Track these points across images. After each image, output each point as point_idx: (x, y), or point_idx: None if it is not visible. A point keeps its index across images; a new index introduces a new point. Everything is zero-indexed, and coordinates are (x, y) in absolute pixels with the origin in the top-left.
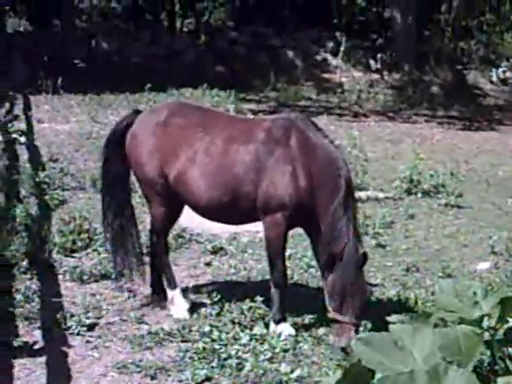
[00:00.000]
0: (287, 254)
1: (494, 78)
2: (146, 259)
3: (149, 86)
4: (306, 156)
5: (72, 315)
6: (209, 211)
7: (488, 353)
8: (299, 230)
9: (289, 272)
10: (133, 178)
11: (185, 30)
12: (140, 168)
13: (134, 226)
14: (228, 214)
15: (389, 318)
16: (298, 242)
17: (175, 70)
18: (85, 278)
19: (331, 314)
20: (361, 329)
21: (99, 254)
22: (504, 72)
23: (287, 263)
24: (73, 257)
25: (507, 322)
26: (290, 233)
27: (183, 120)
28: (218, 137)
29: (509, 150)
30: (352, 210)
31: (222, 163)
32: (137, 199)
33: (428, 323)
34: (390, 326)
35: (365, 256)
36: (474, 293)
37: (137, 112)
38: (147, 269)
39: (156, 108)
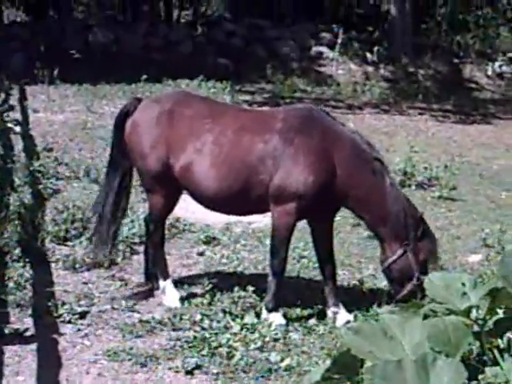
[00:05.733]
0: None
1: (490, 72)
2: (139, 249)
3: (145, 76)
4: (329, 145)
5: (63, 303)
6: (217, 202)
7: (477, 344)
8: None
9: None
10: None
11: (182, 21)
12: (141, 158)
13: (122, 216)
14: (237, 204)
15: (379, 310)
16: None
17: (171, 61)
18: (77, 266)
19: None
20: (351, 319)
21: (92, 242)
22: (500, 66)
23: None
24: (66, 245)
25: (496, 313)
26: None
27: (189, 110)
28: (229, 127)
29: (503, 143)
30: None
31: (234, 153)
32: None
33: (418, 314)
34: (380, 316)
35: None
36: (463, 284)
37: (138, 100)
38: (140, 258)
39: (159, 97)
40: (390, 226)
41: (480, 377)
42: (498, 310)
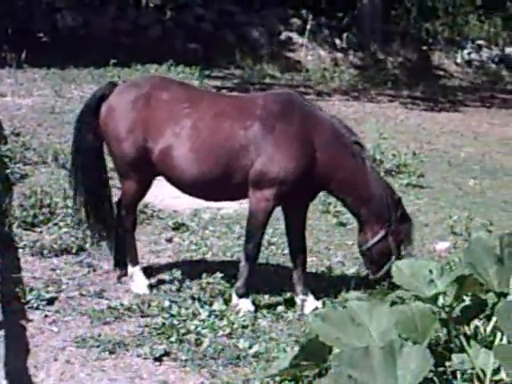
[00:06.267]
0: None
1: (459, 60)
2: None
3: (113, 61)
4: (309, 129)
5: (31, 289)
6: (195, 186)
7: (444, 331)
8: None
9: None
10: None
11: (151, 5)
12: (117, 142)
13: (109, 203)
14: (216, 189)
15: (347, 296)
16: None
17: (140, 46)
18: (45, 252)
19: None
20: (320, 306)
21: (60, 228)
22: (469, 54)
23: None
24: (33, 231)
25: (463, 300)
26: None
27: (167, 94)
28: (208, 113)
29: (471, 131)
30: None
31: (214, 138)
32: None
33: (385, 301)
34: (348, 303)
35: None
36: (430, 271)
37: (112, 84)
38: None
39: (136, 81)
40: (373, 208)
41: (447, 363)
42: (465, 297)
